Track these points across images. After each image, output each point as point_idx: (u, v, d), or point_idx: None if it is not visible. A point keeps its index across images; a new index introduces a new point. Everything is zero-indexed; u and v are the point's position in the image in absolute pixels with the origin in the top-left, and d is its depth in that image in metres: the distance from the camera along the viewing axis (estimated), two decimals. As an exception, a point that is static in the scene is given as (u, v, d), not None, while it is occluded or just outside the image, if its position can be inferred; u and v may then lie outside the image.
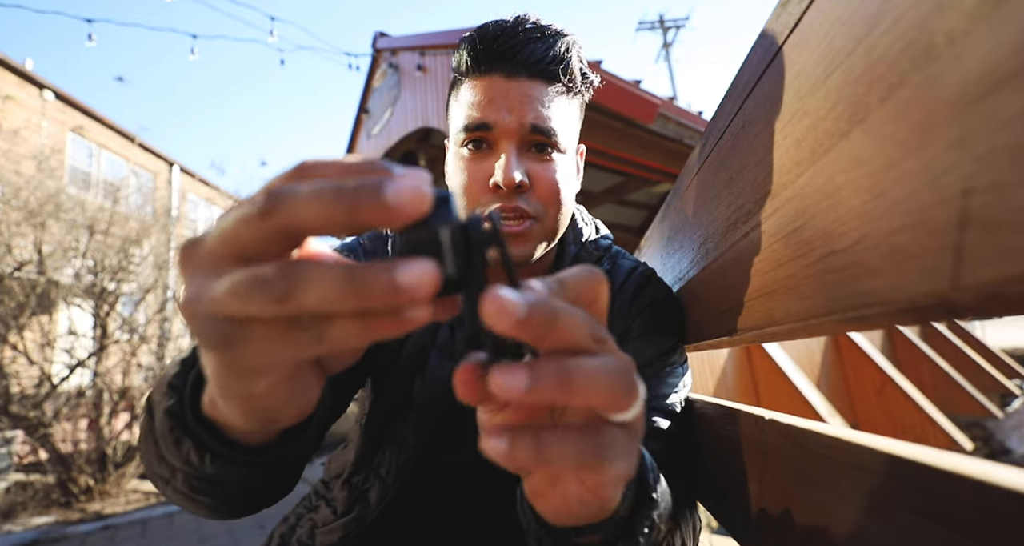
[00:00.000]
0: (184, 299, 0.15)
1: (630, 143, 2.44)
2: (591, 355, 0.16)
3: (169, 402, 0.23)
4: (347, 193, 0.13)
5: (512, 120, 0.39)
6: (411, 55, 3.18)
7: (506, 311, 0.14)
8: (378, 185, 0.13)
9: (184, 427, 0.23)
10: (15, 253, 3.48)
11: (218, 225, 0.15)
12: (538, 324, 0.15)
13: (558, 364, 0.15)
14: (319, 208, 0.13)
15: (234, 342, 0.15)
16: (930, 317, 0.18)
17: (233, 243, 0.14)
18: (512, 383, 0.14)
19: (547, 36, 0.41)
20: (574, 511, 0.20)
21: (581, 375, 0.15)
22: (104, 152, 6.56)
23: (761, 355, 1.15)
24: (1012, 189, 0.14)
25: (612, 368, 0.16)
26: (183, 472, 0.24)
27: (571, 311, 0.16)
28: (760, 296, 0.31)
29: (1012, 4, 0.14)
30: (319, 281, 0.13)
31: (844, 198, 0.22)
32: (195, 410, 0.23)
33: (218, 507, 0.27)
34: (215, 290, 0.14)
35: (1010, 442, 1.62)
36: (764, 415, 0.31)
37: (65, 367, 3.46)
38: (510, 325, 0.14)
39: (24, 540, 2.56)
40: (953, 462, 0.17)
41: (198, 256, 0.15)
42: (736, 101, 0.38)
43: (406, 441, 0.41)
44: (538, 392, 0.15)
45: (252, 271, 0.14)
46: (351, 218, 0.13)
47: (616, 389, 0.16)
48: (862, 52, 0.21)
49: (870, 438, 0.21)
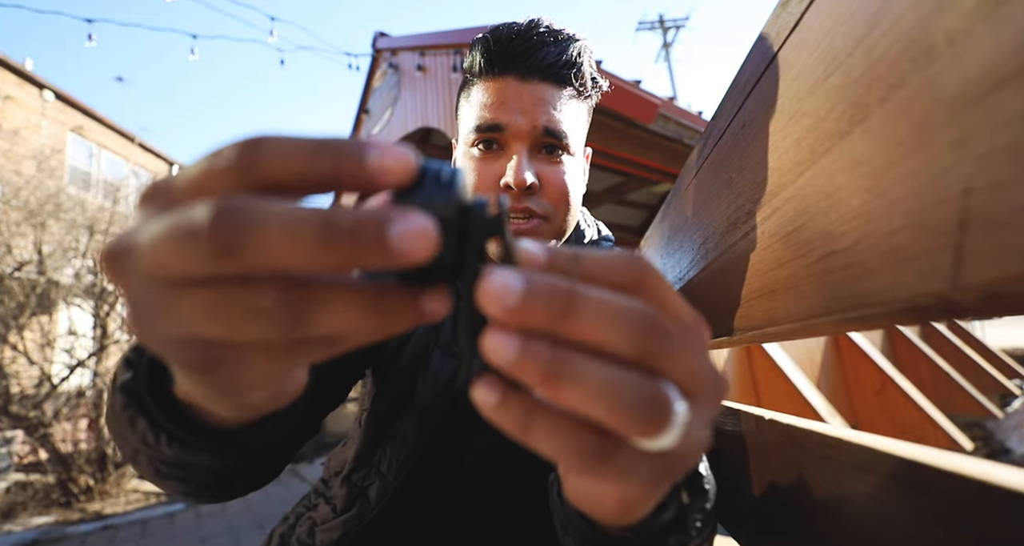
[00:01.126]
0: (133, 321, 0.12)
1: (630, 143, 2.44)
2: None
3: (124, 376, 0.22)
4: (340, 237, 0.10)
5: (524, 122, 0.40)
6: (411, 55, 3.18)
7: (498, 290, 0.11)
8: (380, 225, 0.11)
9: (139, 405, 0.21)
10: (15, 253, 3.49)
11: (148, 238, 0.11)
12: (542, 309, 0.11)
13: (552, 348, 0.11)
14: (300, 253, 0.10)
15: (221, 364, 0.12)
16: (930, 317, 0.18)
17: (176, 273, 0.11)
18: (502, 346, 0.11)
19: (560, 40, 0.41)
20: (599, 510, 0.19)
21: (575, 380, 0.11)
22: (104, 152, 6.57)
23: (761, 355, 1.15)
24: (1012, 189, 0.14)
25: (622, 384, 0.12)
26: (144, 454, 0.22)
27: (598, 294, 0.12)
28: (760, 296, 0.31)
29: (1012, 4, 0.14)
30: (337, 301, 0.11)
31: (844, 198, 0.22)
32: (152, 387, 0.21)
33: (191, 491, 0.25)
34: (180, 314, 0.11)
35: (1010, 442, 1.62)
36: (764, 415, 0.31)
37: (65, 367, 3.47)
38: (504, 310, 0.11)
39: (24, 540, 2.56)
40: (953, 462, 0.17)
41: (132, 272, 0.12)
42: (736, 101, 0.38)
43: (407, 439, 0.41)
44: (526, 367, 0.11)
45: (237, 302, 0.11)
46: (346, 265, 0.11)
47: (625, 407, 0.11)
48: (862, 52, 0.21)
49: (870, 438, 0.21)
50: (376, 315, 0.12)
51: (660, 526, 0.23)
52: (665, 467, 0.14)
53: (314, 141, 0.11)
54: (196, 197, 0.12)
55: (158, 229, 0.11)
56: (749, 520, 0.32)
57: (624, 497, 0.17)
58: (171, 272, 0.11)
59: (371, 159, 0.12)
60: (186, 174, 0.12)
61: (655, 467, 0.13)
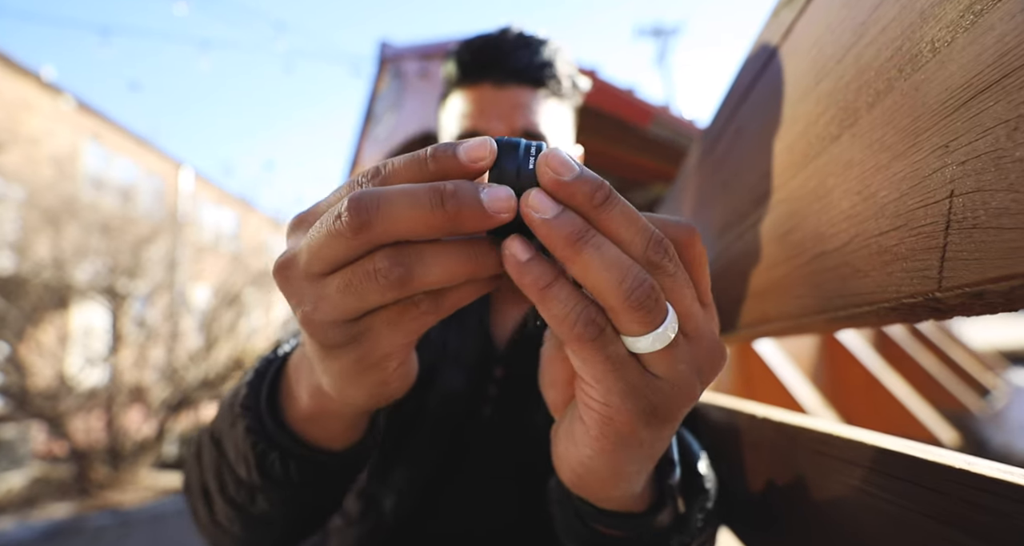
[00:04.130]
0: (302, 315, 0.16)
1: (626, 147, 2.46)
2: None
3: (247, 421, 0.24)
4: (447, 202, 0.13)
5: (503, 127, 0.40)
6: (414, 62, 3.21)
7: (558, 165, 0.14)
8: (474, 193, 0.14)
9: (268, 440, 0.24)
10: (34, 254, 3.52)
11: (306, 242, 0.15)
12: (587, 193, 0.14)
13: (582, 226, 0.14)
14: (416, 219, 0.13)
15: (363, 338, 0.16)
16: (917, 316, 0.19)
17: (329, 261, 0.14)
18: (544, 205, 0.14)
19: (533, 44, 0.42)
20: (590, 482, 0.19)
21: (595, 250, 0.14)
22: (118, 156, 6.54)
23: (755, 352, 1.17)
24: (993, 193, 0.14)
25: (631, 268, 0.14)
26: (264, 490, 0.25)
27: (628, 209, 0.15)
28: (754, 295, 0.32)
29: (992, 14, 0.15)
30: (434, 255, 0.14)
31: (835, 200, 0.23)
32: (276, 424, 0.24)
33: (277, 533, 0.28)
34: (329, 296, 0.15)
35: (990, 436, 1.66)
36: (758, 412, 0.32)
37: (81, 363, 3.52)
38: (556, 182, 0.14)
39: (42, 530, 2.59)
40: (938, 455, 0.18)
41: (295, 275, 0.16)
42: (731, 107, 0.38)
43: (420, 453, 0.41)
44: (561, 225, 0.14)
45: (360, 270, 0.14)
46: (451, 226, 0.14)
47: (626, 286, 0.14)
48: (851, 59, 0.22)
49: (860, 433, 0.22)
50: (469, 261, 0.15)
51: (659, 527, 0.23)
52: (650, 393, 0.16)
53: (416, 154, 0.15)
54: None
55: (311, 232, 0.15)
56: (744, 513, 0.33)
57: (605, 417, 0.16)
58: (324, 260, 0.14)
59: (462, 154, 0.15)
60: (324, 199, 0.16)
61: (638, 381, 0.16)
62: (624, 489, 0.20)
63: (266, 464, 0.24)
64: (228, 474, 0.26)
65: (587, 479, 0.19)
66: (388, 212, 0.13)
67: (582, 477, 0.20)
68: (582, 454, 0.18)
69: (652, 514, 0.23)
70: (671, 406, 0.16)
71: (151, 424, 3.53)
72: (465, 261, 0.15)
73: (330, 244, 0.14)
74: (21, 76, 5.15)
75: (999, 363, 2.51)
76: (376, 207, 0.13)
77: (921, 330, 2.13)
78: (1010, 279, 0.14)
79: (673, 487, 0.24)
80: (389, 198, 0.14)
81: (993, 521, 0.15)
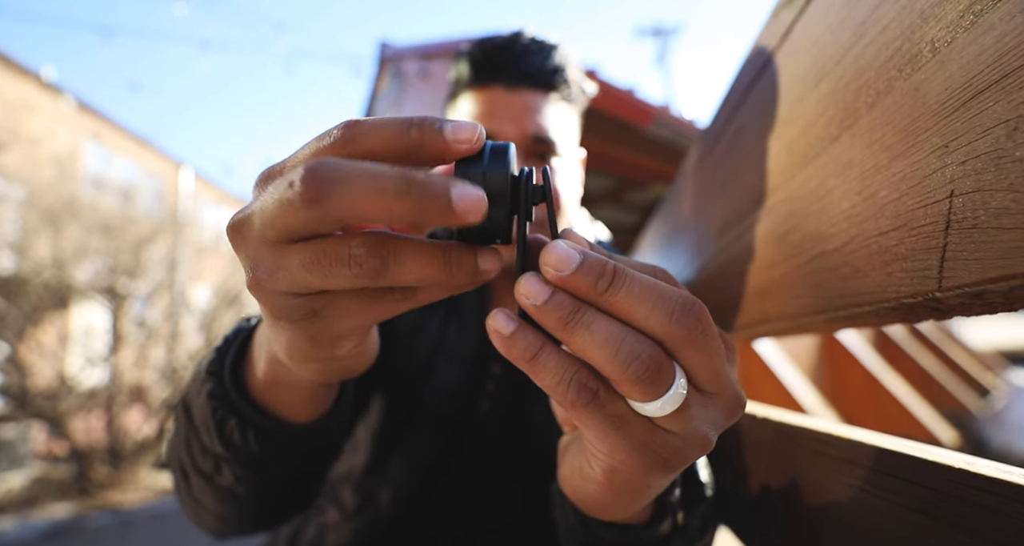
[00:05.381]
0: (253, 280, 0.15)
1: (626, 147, 2.46)
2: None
3: (208, 385, 0.23)
4: (412, 191, 0.12)
5: (514, 130, 0.40)
6: (414, 62, 3.21)
7: (557, 259, 0.14)
8: (444, 187, 0.12)
9: (228, 406, 0.23)
10: (34, 254, 3.53)
11: (259, 204, 0.14)
12: (592, 283, 0.14)
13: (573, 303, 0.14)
14: (374, 203, 0.12)
15: (319, 314, 0.15)
16: (916, 316, 0.19)
17: (283, 230, 0.13)
18: (534, 291, 0.14)
19: (545, 48, 0.42)
20: (592, 508, 0.20)
21: (585, 329, 0.13)
22: (118, 156, 6.55)
23: (755, 352, 1.17)
24: (993, 193, 0.14)
25: (623, 342, 0.13)
26: (228, 460, 0.24)
27: (638, 286, 0.14)
28: (754, 295, 0.32)
29: (992, 14, 0.15)
30: (413, 255, 0.14)
31: (834, 200, 0.23)
32: (238, 391, 0.23)
33: (251, 508, 0.27)
34: (289, 268, 0.14)
35: (990, 436, 1.66)
36: (758, 412, 0.32)
37: (81, 363, 3.53)
38: (559, 277, 0.14)
39: (42, 530, 2.59)
40: (937, 455, 0.18)
41: (250, 236, 0.14)
42: (731, 107, 0.38)
43: (417, 446, 0.41)
44: (552, 310, 0.13)
45: (333, 252, 0.13)
46: (412, 216, 0.12)
47: (621, 360, 0.13)
48: (851, 60, 0.22)
49: (860, 433, 0.22)
50: (444, 266, 0.14)
51: (659, 535, 0.23)
52: (660, 449, 0.15)
53: (402, 118, 0.14)
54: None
55: (263, 195, 0.14)
56: (744, 513, 0.33)
57: (611, 467, 0.16)
58: (278, 229, 0.13)
59: (448, 130, 0.14)
60: (294, 154, 0.15)
61: (647, 438, 0.15)
62: (627, 514, 0.20)
63: (225, 431, 0.23)
64: (195, 442, 0.25)
65: (589, 505, 0.20)
66: (345, 190, 0.12)
67: (584, 503, 0.20)
68: (588, 488, 0.18)
69: (652, 526, 0.23)
70: (684, 458, 0.16)
71: (151, 424, 3.54)
72: (441, 267, 0.14)
73: (282, 213, 0.13)
74: (22, 76, 5.16)
75: (999, 363, 2.51)
76: (332, 181, 0.12)
77: (921, 330, 2.13)
78: (1010, 279, 0.14)
79: (675, 503, 0.24)
80: (349, 175, 0.12)
81: (993, 521, 0.15)
